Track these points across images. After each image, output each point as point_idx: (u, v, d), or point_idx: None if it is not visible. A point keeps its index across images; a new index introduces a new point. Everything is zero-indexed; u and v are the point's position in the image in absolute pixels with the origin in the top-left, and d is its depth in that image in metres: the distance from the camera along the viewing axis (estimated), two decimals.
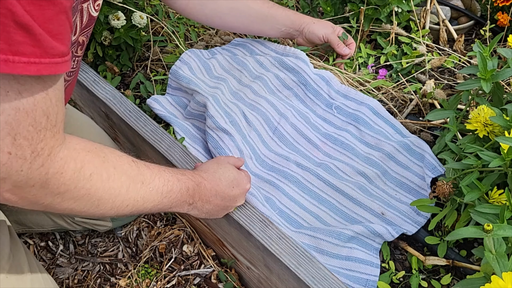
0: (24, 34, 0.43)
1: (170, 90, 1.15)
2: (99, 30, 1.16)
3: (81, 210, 0.59)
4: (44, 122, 0.49)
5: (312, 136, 1.06)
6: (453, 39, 1.34)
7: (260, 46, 1.23)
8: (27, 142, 0.48)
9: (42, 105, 0.48)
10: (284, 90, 1.14)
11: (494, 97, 0.92)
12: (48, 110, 0.49)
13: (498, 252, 0.65)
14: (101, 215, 0.62)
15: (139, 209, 0.65)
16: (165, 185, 0.68)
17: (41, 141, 0.49)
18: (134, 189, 0.63)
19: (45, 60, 0.46)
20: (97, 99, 1.06)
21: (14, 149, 0.47)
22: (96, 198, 0.58)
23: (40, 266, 0.81)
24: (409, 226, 0.91)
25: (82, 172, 0.55)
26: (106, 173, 0.59)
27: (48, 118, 0.49)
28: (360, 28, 1.29)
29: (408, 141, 1.02)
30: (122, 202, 0.62)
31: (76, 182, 0.55)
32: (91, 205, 0.59)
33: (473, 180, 0.79)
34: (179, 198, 0.71)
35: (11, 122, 0.46)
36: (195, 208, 0.75)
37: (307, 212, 0.95)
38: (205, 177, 0.77)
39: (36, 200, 0.54)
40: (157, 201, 0.67)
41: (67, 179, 0.54)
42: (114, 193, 0.60)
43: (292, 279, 0.78)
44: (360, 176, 1.00)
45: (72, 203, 0.57)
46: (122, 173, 0.61)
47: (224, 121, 0.99)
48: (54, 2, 0.45)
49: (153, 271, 0.99)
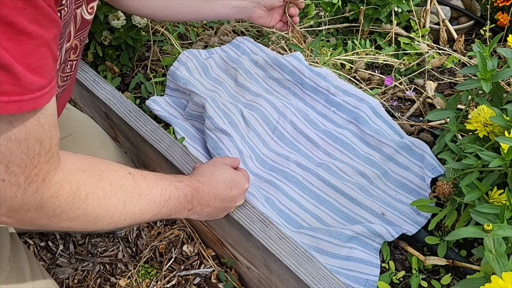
0: (3, 73, 0.42)
1: (169, 91, 1.15)
2: (99, 30, 1.16)
3: (79, 228, 0.59)
4: (37, 149, 0.49)
5: (311, 134, 1.06)
6: (453, 39, 1.34)
7: (255, 49, 1.23)
8: (20, 170, 0.48)
9: (35, 132, 0.48)
10: (281, 90, 1.14)
11: (494, 97, 0.92)
12: (41, 137, 0.49)
13: (498, 252, 0.65)
14: (99, 230, 0.62)
15: (137, 221, 0.65)
16: (163, 194, 0.68)
17: (35, 167, 0.49)
18: (131, 203, 0.63)
19: (25, 97, 0.45)
20: (97, 99, 1.06)
21: (7, 177, 0.47)
22: (92, 216, 0.58)
23: (41, 267, 0.81)
24: (409, 226, 0.91)
25: (77, 194, 0.55)
26: (102, 192, 0.59)
27: (41, 144, 0.49)
28: (360, 28, 1.29)
29: (408, 141, 1.02)
30: (119, 217, 0.62)
31: (72, 204, 0.55)
32: (88, 223, 0.59)
33: (473, 180, 0.79)
34: (178, 205, 0.71)
35: (3, 151, 0.46)
36: (195, 213, 0.75)
37: (307, 213, 0.95)
38: (202, 181, 0.77)
39: (33, 222, 0.53)
40: (155, 211, 0.67)
41: (63, 202, 0.54)
42: (111, 210, 0.60)
43: (292, 279, 0.78)
44: (360, 177, 1.00)
45: (69, 223, 0.57)
46: (118, 188, 0.61)
47: (223, 121, 0.99)
48: (34, 36, 0.44)
49: (153, 271, 0.99)
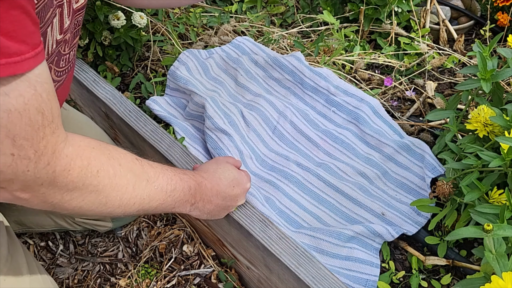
0: None
1: (169, 91, 1.15)
2: (99, 30, 1.16)
3: (90, 208, 0.59)
4: (40, 120, 0.49)
5: (312, 134, 1.06)
6: (453, 39, 1.34)
7: (256, 49, 1.23)
8: (28, 143, 0.48)
9: (34, 102, 0.48)
10: (281, 90, 1.14)
11: (494, 97, 0.92)
12: (41, 106, 0.48)
13: (498, 252, 0.65)
14: (109, 213, 0.62)
15: (145, 207, 0.65)
16: (169, 183, 0.68)
17: (42, 139, 0.49)
18: (140, 187, 0.63)
19: (2, 61, 0.44)
20: (97, 99, 1.06)
21: (16, 150, 0.47)
22: (104, 195, 0.59)
23: (40, 267, 0.80)
24: (409, 226, 0.91)
25: (89, 169, 0.56)
26: (112, 170, 0.59)
27: (43, 115, 0.49)
28: (360, 28, 1.29)
29: (408, 141, 1.02)
30: (129, 200, 0.62)
31: (84, 179, 0.55)
32: (99, 203, 0.59)
33: (473, 180, 0.79)
34: (182, 197, 0.71)
35: (6, 124, 0.46)
36: (197, 208, 0.75)
37: (307, 213, 0.95)
38: (206, 177, 0.77)
39: (46, 198, 0.54)
40: (161, 199, 0.67)
41: (75, 176, 0.54)
42: (121, 190, 0.60)
43: (292, 279, 0.78)
44: (360, 177, 1.00)
45: (80, 201, 0.57)
46: (128, 170, 0.62)
47: (223, 121, 0.99)
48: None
49: (153, 271, 0.99)
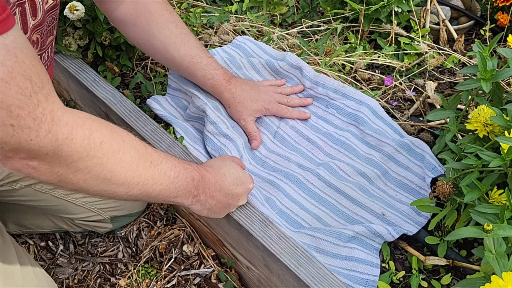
0: None
1: (170, 91, 1.15)
2: (99, 30, 1.16)
3: (94, 183, 0.58)
4: (30, 86, 0.48)
5: (312, 136, 1.06)
6: (453, 39, 1.34)
7: (257, 49, 1.23)
8: (24, 111, 0.48)
9: (18, 69, 0.47)
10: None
11: (494, 97, 0.92)
12: (26, 72, 0.48)
13: (498, 252, 0.65)
14: (112, 192, 0.61)
15: (148, 190, 0.65)
16: (172, 170, 0.68)
17: (37, 106, 0.49)
18: (144, 167, 0.63)
19: None
20: (97, 99, 1.06)
21: (15, 121, 0.47)
22: (108, 169, 0.58)
23: (34, 262, 0.79)
24: (409, 227, 0.91)
25: (92, 139, 0.56)
26: (116, 144, 0.59)
27: (31, 81, 0.49)
28: (360, 28, 1.29)
29: (408, 141, 1.02)
30: (133, 178, 0.62)
31: (88, 150, 0.55)
32: (103, 178, 0.59)
33: (473, 180, 0.79)
34: (185, 187, 0.70)
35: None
36: (199, 202, 0.75)
37: (307, 213, 0.95)
38: (210, 171, 0.77)
39: (52, 168, 0.54)
40: (165, 184, 0.67)
41: (78, 146, 0.54)
42: (125, 166, 0.60)
43: (292, 279, 0.78)
44: (361, 177, 1.00)
45: (85, 174, 0.57)
46: (131, 147, 0.62)
47: (226, 126, 1.00)
48: None
49: (153, 271, 0.99)
